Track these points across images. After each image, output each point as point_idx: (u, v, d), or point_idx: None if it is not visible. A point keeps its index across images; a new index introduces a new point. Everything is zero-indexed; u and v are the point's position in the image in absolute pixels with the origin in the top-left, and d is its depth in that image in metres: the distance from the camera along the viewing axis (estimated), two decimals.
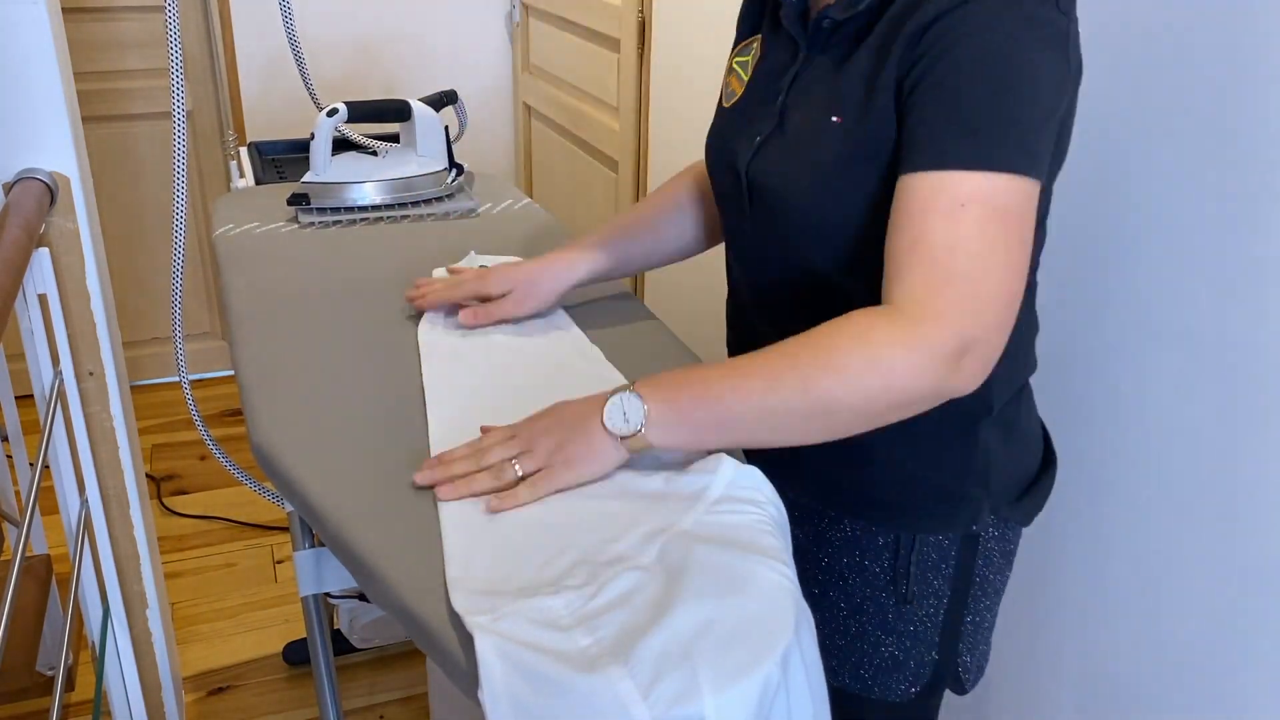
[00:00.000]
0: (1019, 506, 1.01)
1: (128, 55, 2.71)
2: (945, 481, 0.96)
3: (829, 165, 0.87)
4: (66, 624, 1.35)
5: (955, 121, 0.78)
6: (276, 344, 1.07)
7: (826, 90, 0.89)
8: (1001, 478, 0.98)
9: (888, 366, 0.75)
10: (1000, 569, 1.03)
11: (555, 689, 0.63)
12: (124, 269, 2.86)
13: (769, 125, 0.93)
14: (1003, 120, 0.77)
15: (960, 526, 0.97)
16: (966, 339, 0.75)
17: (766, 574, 0.70)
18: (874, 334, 0.76)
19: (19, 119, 1.32)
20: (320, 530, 0.82)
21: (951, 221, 0.76)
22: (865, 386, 0.76)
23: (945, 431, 0.94)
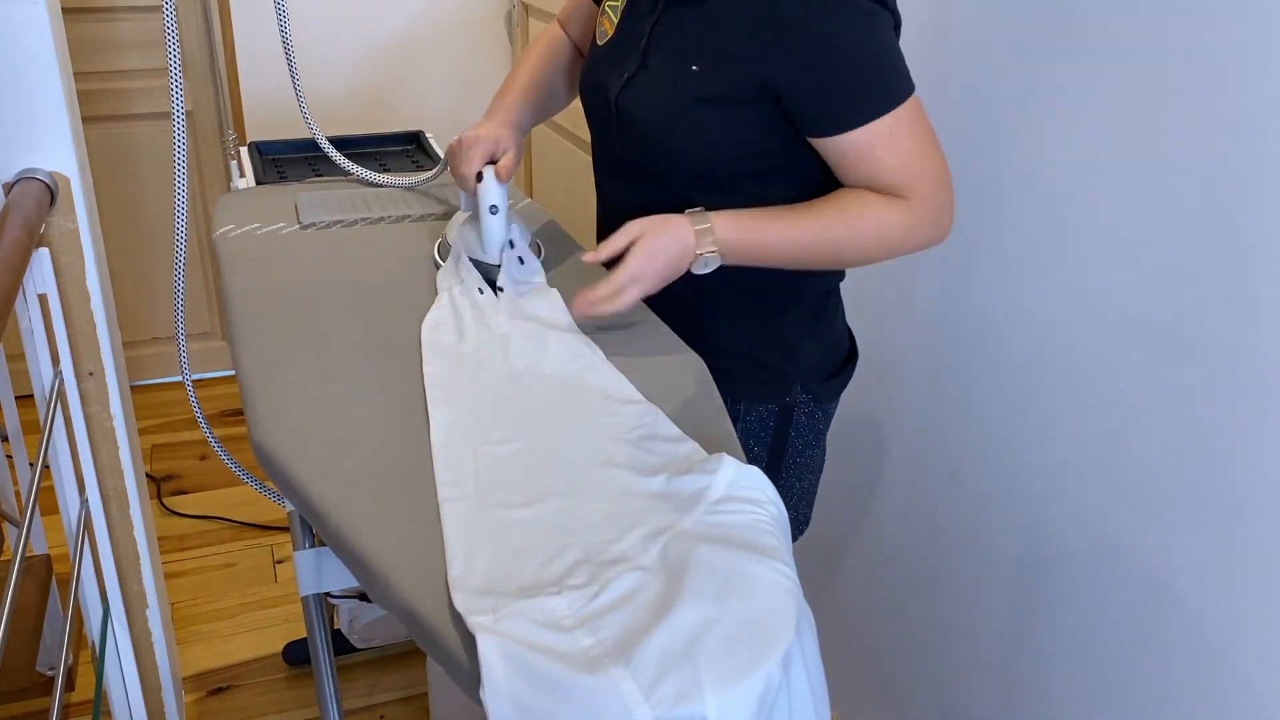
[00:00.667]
0: (826, 385, 1.24)
1: (128, 55, 2.71)
2: (762, 356, 1.21)
3: (687, 104, 1.07)
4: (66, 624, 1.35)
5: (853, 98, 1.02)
6: (277, 344, 1.07)
7: (684, 39, 1.08)
8: (809, 358, 1.22)
9: (891, 237, 1.06)
10: (810, 444, 1.26)
11: (557, 689, 0.63)
12: (124, 269, 2.85)
13: (634, 64, 1.13)
14: (883, 73, 1.02)
15: (777, 396, 1.21)
16: (942, 207, 1.06)
17: (768, 574, 0.70)
18: (886, 219, 1.05)
19: (19, 119, 1.32)
20: (321, 530, 0.82)
21: (892, 146, 1.03)
22: (868, 248, 1.07)
23: (761, 313, 1.20)
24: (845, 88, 1.01)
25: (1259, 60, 0.97)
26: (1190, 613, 1.11)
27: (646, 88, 1.11)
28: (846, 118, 1.02)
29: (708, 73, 1.06)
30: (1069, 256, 1.22)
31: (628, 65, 1.14)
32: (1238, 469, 1.04)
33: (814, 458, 1.28)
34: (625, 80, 1.13)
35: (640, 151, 1.14)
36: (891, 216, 1.05)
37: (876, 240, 1.06)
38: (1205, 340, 1.06)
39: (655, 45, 1.11)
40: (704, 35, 1.06)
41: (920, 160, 1.04)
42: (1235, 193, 1.01)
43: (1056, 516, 1.29)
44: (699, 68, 1.06)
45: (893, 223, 1.05)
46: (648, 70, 1.12)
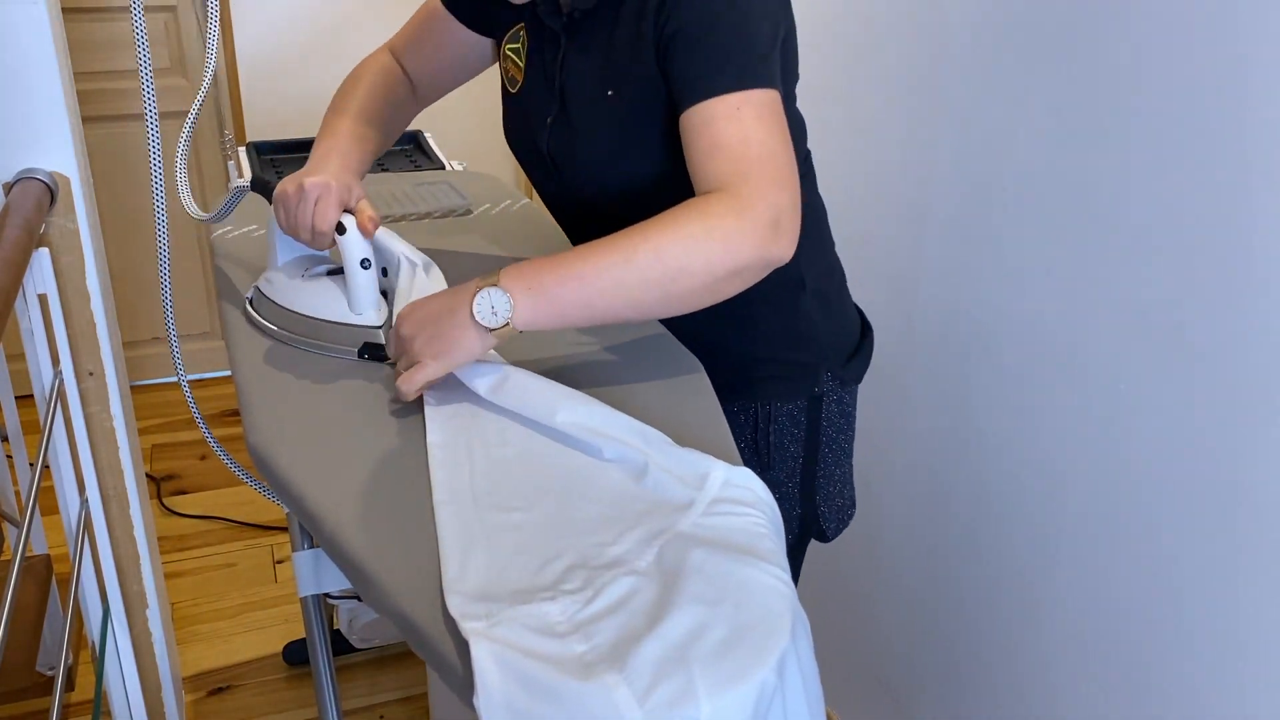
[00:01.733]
0: (849, 367, 1.21)
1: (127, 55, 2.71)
2: (784, 354, 1.17)
3: (613, 133, 1.04)
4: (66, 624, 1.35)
5: (713, 59, 0.94)
6: (274, 345, 1.07)
7: (595, 69, 1.04)
8: (829, 342, 1.19)
9: (723, 233, 0.89)
10: (842, 428, 1.23)
11: (551, 695, 0.63)
12: (124, 269, 2.86)
13: (554, 107, 1.08)
14: (744, 50, 0.95)
15: (804, 390, 1.17)
16: (777, 208, 0.90)
17: (762, 579, 0.70)
18: (710, 208, 0.90)
19: (19, 119, 1.32)
20: (316, 533, 0.82)
21: (735, 123, 0.93)
22: (707, 251, 0.89)
23: (773, 312, 1.14)
24: (700, 55, 0.95)
25: (1260, 60, 0.97)
26: (1191, 613, 1.11)
27: (569, 130, 1.07)
28: (698, 84, 0.94)
29: (622, 95, 1.02)
30: (1069, 256, 1.22)
31: (549, 110, 1.09)
32: (1239, 469, 1.04)
33: (847, 441, 1.25)
34: (550, 126, 1.09)
35: (580, 191, 1.12)
36: (724, 209, 0.89)
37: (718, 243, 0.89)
38: (1207, 340, 1.06)
39: (568, 84, 1.07)
40: (613, 57, 1.02)
41: (760, 148, 0.92)
42: (1236, 192, 1.01)
43: (1056, 516, 1.29)
44: (612, 92, 1.03)
45: (726, 216, 0.89)
46: (568, 112, 1.07)
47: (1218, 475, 1.06)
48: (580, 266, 0.89)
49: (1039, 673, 1.34)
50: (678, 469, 0.82)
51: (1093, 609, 1.24)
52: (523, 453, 0.87)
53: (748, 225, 0.89)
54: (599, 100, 1.04)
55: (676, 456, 0.83)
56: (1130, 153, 1.12)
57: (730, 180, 0.91)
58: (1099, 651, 1.24)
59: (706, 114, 0.93)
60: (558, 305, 0.89)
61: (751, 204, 0.89)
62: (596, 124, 1.05)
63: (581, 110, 1.06)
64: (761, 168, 0.91)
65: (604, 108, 1.04)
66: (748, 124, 0.93)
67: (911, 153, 1.46)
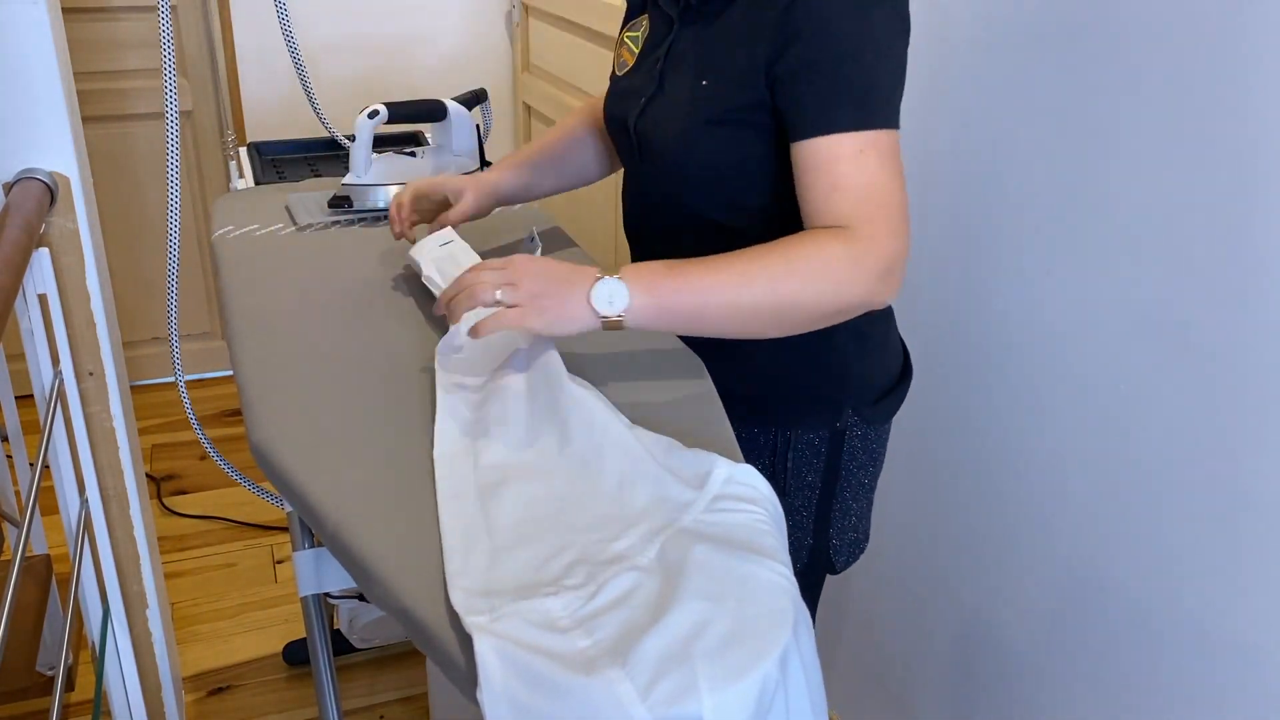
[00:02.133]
0: (877, 408, 1.18)
1: (127, 55, 2.71)
2: (811, 383, 1.15)
3: (700, 121, 1.04)
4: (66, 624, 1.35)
5: (842, 94, 0.95)
6: (275, 344, 1.07)
7: (696, 57, 1.06)
8: (858, 381, 1.16)
9: (837, 277, 0.92)
10: (864, 465, 1.20)
11: (554, 690, 0.63)
12: (124, 269, 2.86)
13: (651, 88, 1.11)
14: (871, 89, 0.95)
15: (826, 423, 1.16)
16: (890, 257, 0.93)
17: (765, 574, 0.70)
18: (828, 248, 0.93)
19: (19, 119, 1.32)
20: (319, 530, 0.82)
21: (858, 166, 0.94)
22: (819, 290, 0.93)
23: (805, 339, 1.07)
24: (828, 87, 0.95)
25: (1261, 60, 0.97)
26: (1192, 613, 1.11)
27: (661, 111, 1.09)
28: (820, 118, 0.95)
29: (715, 87, 1.03)
30: (1071, 256, 1.22)
31: (645, 90, 1.12)
32: (1241, 469, 1.04)
33: (870, 477, 1.22)
34: (643, 105, 1.11)
35: (660, 176, 1.12)
36: (843, 249, 0.92)
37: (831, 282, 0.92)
38: (1208, 340, 1.06)
39: (671, 66, 1.09)
40: (716, 49, 1.04)
41: (882, 194, 0.94)
42: (1237, 192, 1.01)
43: (1057, 516, 1.29)
44: (707, 82, 1.04)
45: (843, 258, 0.92)
46: (664, 93, 1.09)
47: (1220, 475, 1.06)
48: (700, 281, 0.92)
49: (1039, 673, 1.34)
50: (680, 466, 0.82)
51: (1093, 609, 1.24)
52: (528, 448, 0.87)
53: (861, 271, 0.92)
54: (694, 86, 1.05)
55: (680, 455, 0.84)
56: (1130, 152, 1.12)
57: (849, 223, 0.93)
58: (1099, 650, 1.24)
59: (829, 151, 0.94)
60: (669, 311, 0.93)
61: (867, 250, 0.92)
62: (685, 108, 1.06)
63: (675, 92, 1.08)
64: (881, 214, 0.93)
65: (696, 93, 1.05)
66: (870, 168, 0.94)
67: (911, 153, 1.46)
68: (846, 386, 1.15)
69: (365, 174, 1.42)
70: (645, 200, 1.19)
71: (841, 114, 0.94)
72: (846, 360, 1.15)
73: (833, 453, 1.17)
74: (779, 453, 1.17)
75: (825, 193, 0.95)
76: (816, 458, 1.17)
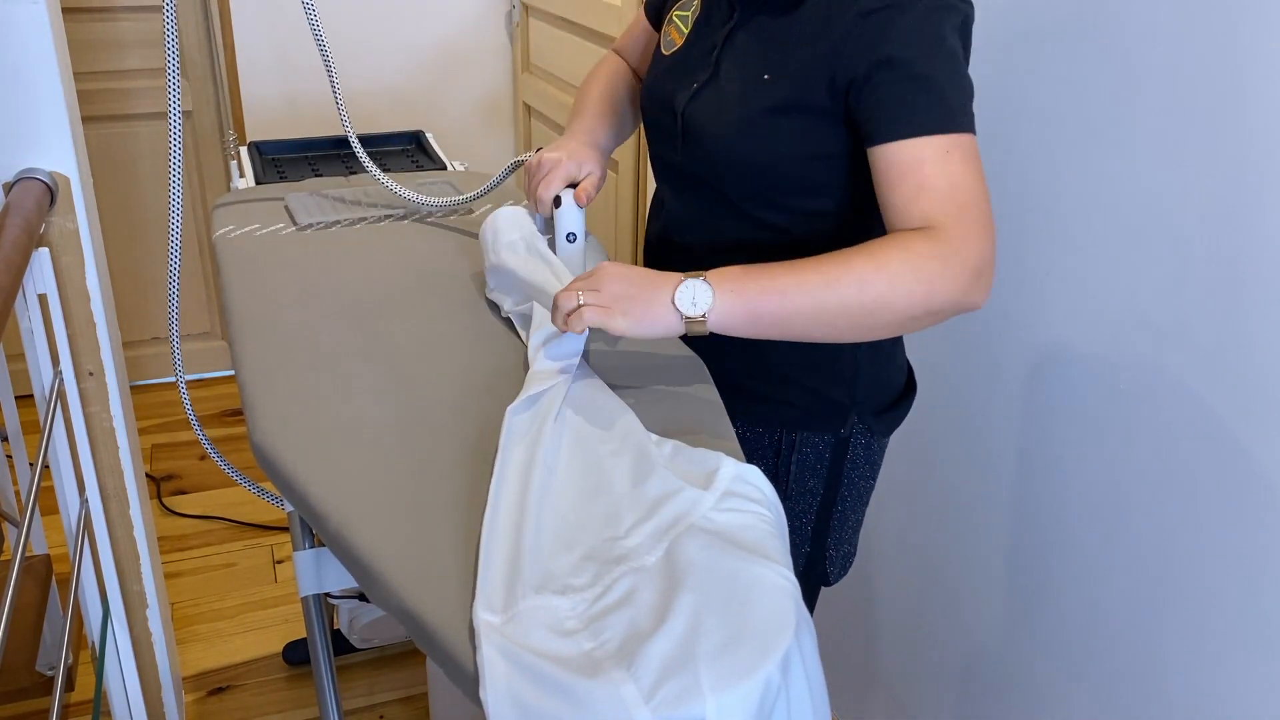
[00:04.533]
0: (882, 418, 1.18)
1: (128, 55, 2.71)
2: (819, 386, 1.14)
3: (756, 115, 1.02)
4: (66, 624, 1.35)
5: (927, 98, 0.93)
6: (276, 344, 1.07)
7: (759, 49, 1.03)
8: (866, 390, 1.15)
9: (928, 276, 0.90)
10: (865, 475, 1.20)
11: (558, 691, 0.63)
12: (124, 269, 2.86)
13: (705, 74, 1.08)
14: (952, 93, 0.94)
15: (831, 428, 1.15)
16: (981, 256, 0.91)
17: (770, 577, 0.70)
18: (918, 248, 0.91)
19: (19, 119, 1.32)
20: (320, 530, 0.82)
21: (944, 167, 0.92)
22: (909, 291, 0.90)
23: (820, 345, 1.11)
24: (910, 91, 0.94)
25: (1261, 60, 0.97)
26: (1192, 612, 1.11)
27: (717, 98, 1.06)
28: (904, 123, 0.94)
29: (778, 81, 1.01)
30: (1070, 256, 1.22)
31: (698, 75, 1.09)
32: (1241, 469, 1.04)
33: (867, 489, 1.23)
34: (695, 90, 1.09)
35: (705, 163, 1.09)
36: (930, 251, 0.91)
37: (923, 285, 0.90)
38: (1207, 339, 1.06)
39: (728, 55, 1.07)
40: (782, 45, 1.02)
41: (968, 194, 0.92)
42: (1237, 191, 1.01)
43: (1056, 515, 1.29)
44: (769, 77, 1.02)
45: (933, 259, 0.90)
46: (718, 81, 1.07)
47: (1219, 474, 1.06)
48: (785, 282, 0.91)
49: (1039, 673, 1.34)
50: (687, 465, 0.82)
51: (1093, 608, 1.24)
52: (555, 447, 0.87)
53: (952, 271, 0.90)
54: (754, 80, 1.03)
55: (686, 453, 0.84)
56: (1130, 152, 1.12)
57: (937, 223, 0.91)
58: (1099, 651, 1.24)
59: (914, 154, 0.93)
60: (754, 313, 0.92)
61: (957, 250, 0.90)
62: (742, 100, 1.04)
63: (733, 83, 1.05)
64: (969, 214, 0.92)
65: (756, 88, 1.03)
66: (956, 168, 0.92)
67: None
68: (855, 393, 1.15)
69: None
70: (685, 188, 1.15)
71: (925, 117, 0.93)
72: (858, 366, 1.14)
73: (836, 460, 1.17)
74: (783, 455, 1.16)
75: (912, 195, 0.93)
76: (820, 463, 1.17)
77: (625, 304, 0.92)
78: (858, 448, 1.17)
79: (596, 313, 0.92)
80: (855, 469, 1.18)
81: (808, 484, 1.17)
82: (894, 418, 1.19)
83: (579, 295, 0.93)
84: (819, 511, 1.19)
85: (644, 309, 0.92)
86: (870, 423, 1.16)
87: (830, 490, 1.18)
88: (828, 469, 1.17)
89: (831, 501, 1.19)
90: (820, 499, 1.18)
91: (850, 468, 1.18)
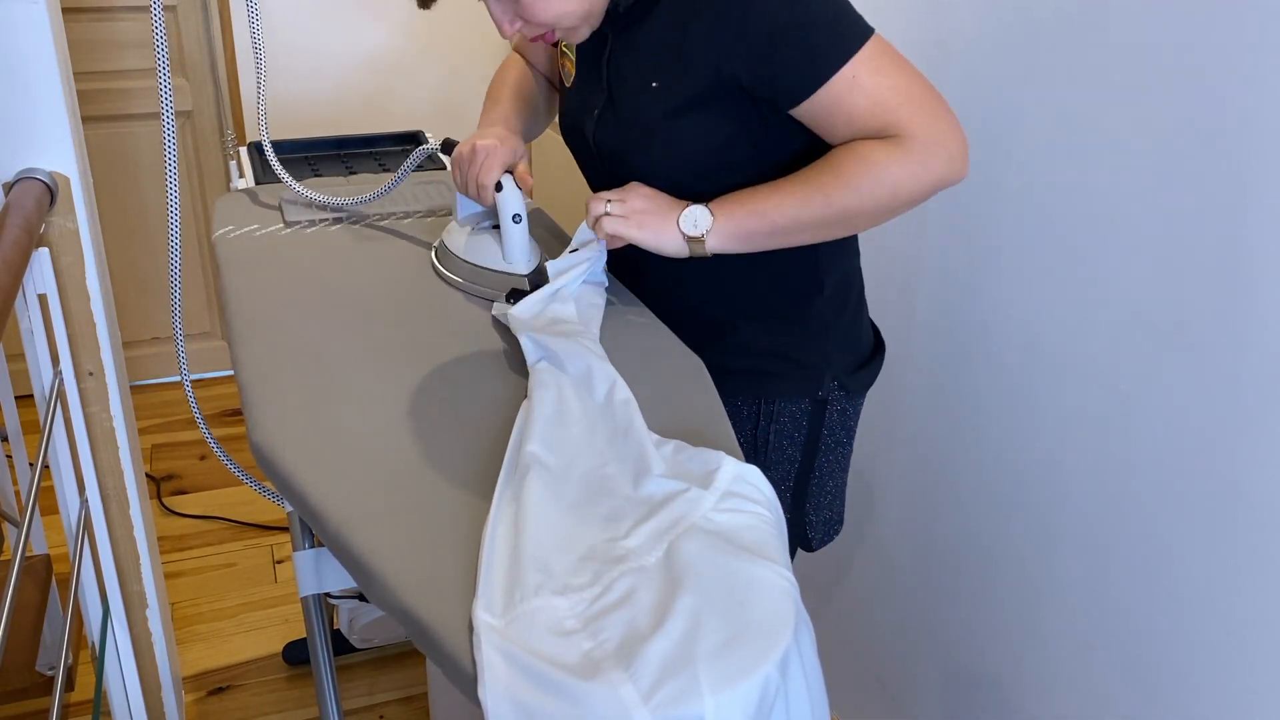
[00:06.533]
0: (856, 377, 1.22)
1: (127, 55, 2.71)
2: (791, 350, 1.19)
3: (656, 124, 1.07)
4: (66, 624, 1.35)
5: (806, 48, 0.98)
6: (276, 343, 1.07)
7: (640, 61, 1.08)
8: (838, 349, 1.20)
9: (891, 180, 0.99)
10: (841, 440, 1.24)
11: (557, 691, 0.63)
12: (124, 269, 2.86)
13: (601, 99, 1.13)
14: (829, 21, 0.98)
15: (808, 391, 1.19)
16: (940, 138, 0.98)
17: (769, 577, 0.70)
18: (875, 157, 0.99)
19: (19, 119, 1.32)
20: (319, 530, 0.82)
21: (859, 92, 0.98)
22: (875, 196, 1.00)
23: (787, 306, 1.17)
24: (792, 55, 0.98)
25: (1259, 60, 0.97)
26: (1191, 612, 1.11)
27: (616, 119, 1.12)
28: (806, 82, 0.99)
29: (667, 85, 1.05)
30: (1069, 256, 1.22)
31: (595, 101, 1.14)
32: (1239, 468, 1.04)
33: (845, 454, 1.27)
34: (597, 117, 1.14)
35: (629, 176, 1.13)
36: (888, 158, 0.98)
37: (886, 188, 0.99)
38: (1206, 339, 1.06)
39: (614, 75, 1.12)
40: (656, 50, 1.06)
41: (895, 93, 0.98)
42: (1236, 191, 1.01)
43: (1056, 515, 1.29)
44: (657, 84, 1.06)
45: (890, 164, 0.98)
46: (614, 102, 1.12)
47: (1218, 474, 1.06)
48: (765, 204, 1.03)
49: (1039, 672, 1.34)
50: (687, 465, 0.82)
51: (1092, 608, 1.24)
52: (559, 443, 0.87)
53: (914, 166, 0.98)
54: (644, 91, 1.08)
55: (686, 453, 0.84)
56: (1130, 152, 1.12)
57: (885, 134, 0.98)
58: (1099, 651, 1.24)
59: (828, 97, 0.99)
60: (746, 233, 1.04)
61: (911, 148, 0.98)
62: (639, 113, 1.09)
63: (626, 100, 1.10)
64: (905, 112, 0.98)
65: (648, 98, 1.07)
66: (868, 84, 0.97)
67: None
68: (826, 353, 1.19)
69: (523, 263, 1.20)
70: None
71: (815, 70, 0.98)
72: (826, 325, 1.19)
73: (813, 425, 1.20)
74: (761, 425, 1.20)
75: (846, 129, 1.00)
76: (797, 430, 1.20)
77: (642, 218, 1.06)
78: (833, 412, 1.21)
79: (619, 222, 1.06)
80: (831, 434, 1.22)
81: (786, 452, 1.21)
82: (867, 376, 1.23)
83: (607, 203, 1.07)
84: (797, 478, 1.23)
85: (658, 224, 1.06)
86: (845, 381, 1.20)
87: (808, 456, 1.22)
88: (805, 435, 1.21)
89: (810, 467, 1.23)
90: (799, 466, 1.22)
91: (827, 432, 1.22)
